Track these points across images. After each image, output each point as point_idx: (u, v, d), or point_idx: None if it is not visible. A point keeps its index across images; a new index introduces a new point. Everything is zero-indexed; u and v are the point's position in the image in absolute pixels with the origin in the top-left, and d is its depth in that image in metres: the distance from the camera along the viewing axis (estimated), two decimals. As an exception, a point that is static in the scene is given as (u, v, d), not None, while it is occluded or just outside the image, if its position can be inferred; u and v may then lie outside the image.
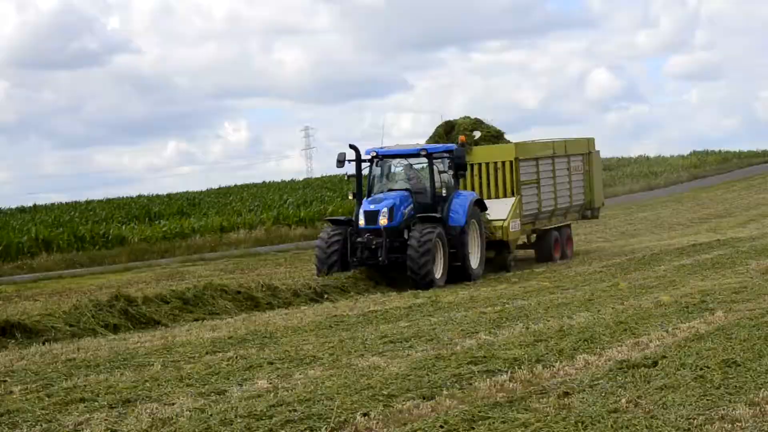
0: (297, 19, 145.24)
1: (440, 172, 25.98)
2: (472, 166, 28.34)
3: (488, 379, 11.18)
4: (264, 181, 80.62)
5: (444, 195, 25.72)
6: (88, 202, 67.99)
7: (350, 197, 26.75)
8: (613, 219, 48.06)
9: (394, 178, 26.52)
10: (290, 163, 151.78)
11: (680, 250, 28.97)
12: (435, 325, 16.19)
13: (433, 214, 24.93)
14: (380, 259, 24.38)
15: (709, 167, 78.08)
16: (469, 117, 30.75)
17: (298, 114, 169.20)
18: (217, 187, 76.92)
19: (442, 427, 9.16)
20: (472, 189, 28.12)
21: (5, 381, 12.89)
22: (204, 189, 76.06)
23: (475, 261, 25.82)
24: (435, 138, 30.16)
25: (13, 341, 16.76)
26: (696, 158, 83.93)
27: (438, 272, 24.40)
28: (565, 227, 31.21)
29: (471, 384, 11.05)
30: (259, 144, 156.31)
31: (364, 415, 9.77)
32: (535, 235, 30.30)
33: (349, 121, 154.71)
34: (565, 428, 8.90)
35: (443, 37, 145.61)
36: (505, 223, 27.41)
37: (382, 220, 24.54)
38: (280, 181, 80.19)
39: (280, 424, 9.56)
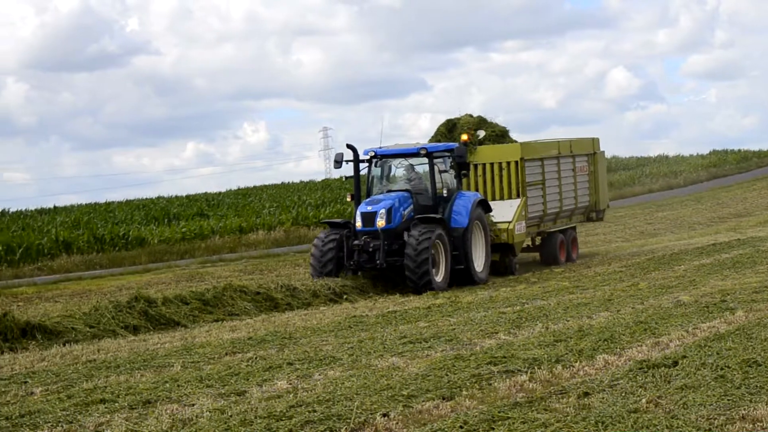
0: (315, 20, 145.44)
1: (441, 172, 25.25)
2: (476, 166, 27.83)
3: (508, 380, 11.18)
4: (283, 182, 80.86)
5: (445, 195, 24.90)
6: (108, 204, 68.28)
7: (348, 199, 25.97)
8: (633, 219, 47.98)
9: (395, 179, 25.81)
10: (309, 164, 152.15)
11: (700, 249, 28.86)
12: (454, 325, 16.18)
13: (433, 215, 24.19)
14: (378, 262, 23.59)
15: (728, 166, 77.77)
16: (471, 115, 29.86)
17: (317, 115, 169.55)
18: (236, 188, 77.18)
19: (461, 427, 9.15)
20: (476, 190, 27.58)
21: (26, 382, 12.96)
22: (223, 190, 76.35)
23: (479, 264, 25.12)
24: (437, 137, 29.41)
25: (33, 342, 16.85)
26: (715, 157, 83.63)
27: (439, 275, 23.74)
28: (570, 229, 30.50)
29: (490, 384, 11.04)
30: (277, 145, 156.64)
31: (384, 415, 9.78)
32: (539, 238, 29.58)
33: (368, 121, 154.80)
34: (585, 428, 8.89)
35: (461, 37, 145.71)
36: (511, 226, 26.72)
37: (380, 222, 23.78)
38: (298, 182, 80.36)
39: (300, 424, 9.57)
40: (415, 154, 25.17)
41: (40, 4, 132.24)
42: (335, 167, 25.27)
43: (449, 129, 29.46)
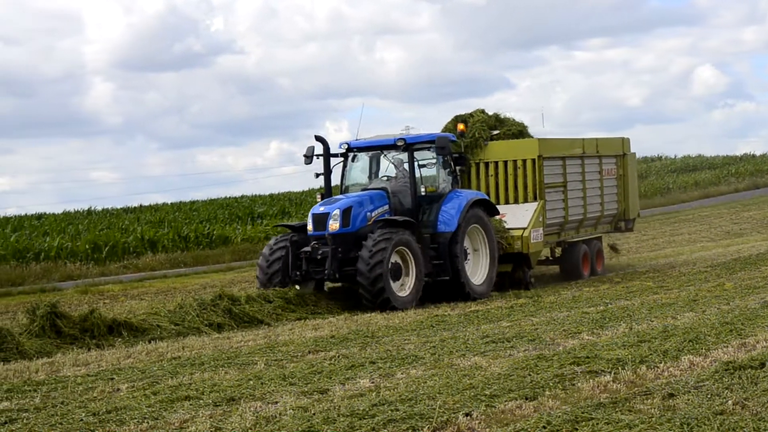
0: (398, 19, 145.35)
1: (420, 167, 22.05)
2: (487, 164, 25.00)
3: (591, 380, 11.09)
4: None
5: (423, 194, 21.71)
6: (192, 203, 68.97)
7: (318, 199, 22.52)
8: (718, 218, 47.40)
9: (374, 176, 22.81)
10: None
11: (788, 249, 28.43)
12: (537, 325, 16.12)
13: (397, 218, 20.95)
14: (327, 272, 20.45)
15: (817, 165, 76.51)
16: (484, 111, 26.10)
17: (399, 113, 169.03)
18: (318, 187, 77.32)
19: (544, 427, 9.10)
20: (487, 191, 24.55)
21: (113, 379, 13.13)
22: (306, 189, 76.65)
23: (479, 275, 22.09)
24: None
25: (120, 339, 17.08)
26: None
27: (404, 290, 20.67)
28: (596, 240, 27.30)
29: (574, 384, 10.97)
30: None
31: (467, 415, 9.75)
32: (560, 249, 26.41)
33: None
34: (669, 430, 8.79)
35: (545, 35, 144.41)
36: (525, 233, 23.51)
37: (333, 225, 20.58)
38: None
39: (383, 423, 9.58)
40: (392, 146, 21.99)
41: (127, 5, 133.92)
42: (305, 162, 22.24)
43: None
